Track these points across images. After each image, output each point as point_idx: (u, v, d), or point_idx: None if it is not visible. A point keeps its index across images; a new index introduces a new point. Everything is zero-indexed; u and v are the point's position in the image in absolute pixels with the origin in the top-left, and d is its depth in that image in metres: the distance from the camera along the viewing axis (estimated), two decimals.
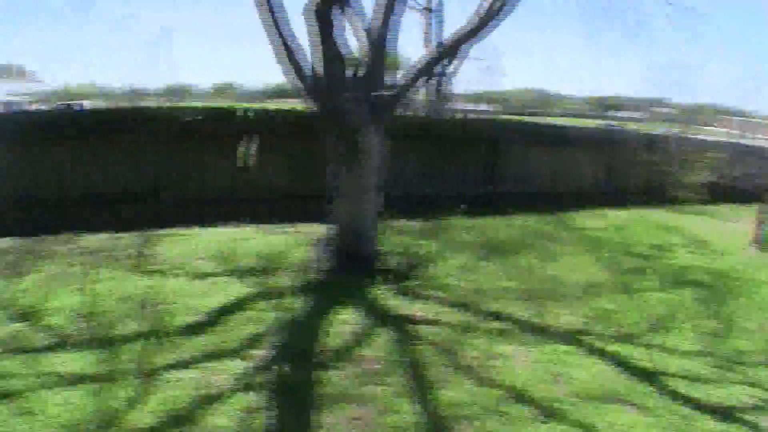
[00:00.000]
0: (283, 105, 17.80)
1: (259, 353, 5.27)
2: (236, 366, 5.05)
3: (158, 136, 10.52)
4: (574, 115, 58.22)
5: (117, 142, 10.41)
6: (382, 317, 6.21)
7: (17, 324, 5.91)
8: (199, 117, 10.58)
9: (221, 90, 75.99)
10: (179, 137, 10.61)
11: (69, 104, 34.88)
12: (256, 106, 12.74)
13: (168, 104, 18.85)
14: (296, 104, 10.16)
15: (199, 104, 14.11)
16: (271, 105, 18.93)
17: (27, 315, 6.07)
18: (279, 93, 67.96)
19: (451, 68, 21.23)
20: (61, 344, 5.36)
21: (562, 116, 51.53)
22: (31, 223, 9.48)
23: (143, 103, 33.12)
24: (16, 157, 10.03)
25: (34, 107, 36.79)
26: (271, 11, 6.92)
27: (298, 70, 7.15)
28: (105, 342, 5.38)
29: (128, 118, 10.69)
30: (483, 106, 57.89)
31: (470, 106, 44.28)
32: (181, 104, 17.11)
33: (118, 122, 10.54)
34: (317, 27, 7.00)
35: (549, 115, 51.73)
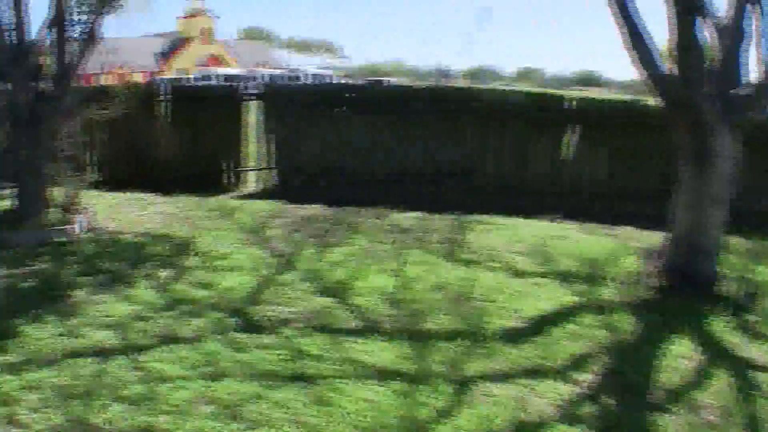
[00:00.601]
0: (590, 93, 17.10)
1: (585, 378, 4.99)
2: (559, 390, 4.79)
3: (477, 118, 11.23)
4: None
5: (432, 120, 11.32)
6: (720, 356, 5.79)
7: (325, 299, 6.15)
8: (521, 102, 11.34)
9: (525, 74, 79.56)
10: (499, 121, 11.25)
11: (379, 80, 38.62)
12: (571, 94, 13.34)
13: (478, 86, 19.92)
14: (603, 93, 9.82)
15: (504, 88, 15.14)
16: (593, 94, 18.26)
17: (335, 291, 6.36)
18: (584, 80, 66.82)
19: None
20: (368, 330, 5.50)
21: None
22: (339, 194, 10.60)
23: (449, 84, 35.26)
24: (326, 128, 11.53)
25: (341, 82, 41.67)
26: None
27: (646, 58, 7.22)
28: (415, 335, 5.43)
29: (445, 97, 11.68)
30: None
31: None
32: (491, 86, 17.87)
33: (434, 101, 11.48)
34: (675, 12, 6.97)
35: None
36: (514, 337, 5.55)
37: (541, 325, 5.85)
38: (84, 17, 8.12)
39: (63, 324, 5.29)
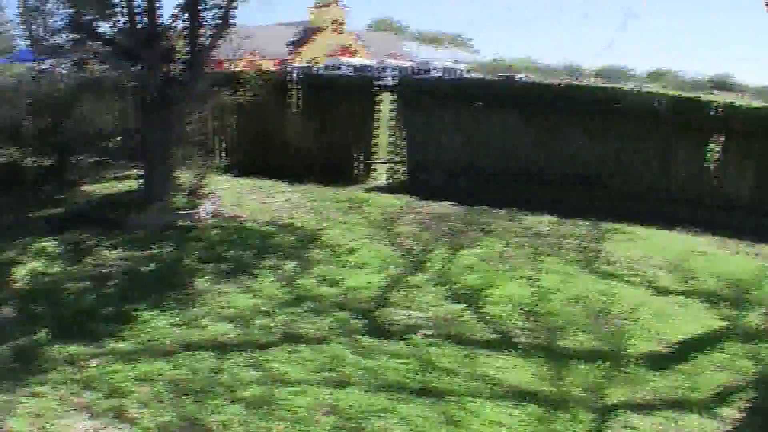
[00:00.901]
0: (725, 98, 16.34)
1: (730, 414, 4.68)
2: (703, 425, 4.51)
3: (615, 119, 10.91)
4: None
5: (567, 119, 11.06)
6: None
7: (457, 305, 5.88)
8: (662, 104, 10.84)
9: (656, 75, 79.21)
10: (639, 124, 10.88)
11: (511, 76, 38.12)
12: (714, 99, 12.38)
13: (614, 86, 19.47)
14: (738, 99, 9.80)
15: (636, 88, 15.15)
16: (728, 98, 17.51)
17: (468, 297, 6.10)
18: (717, 84, 65.10)
19: None
20: (503, 343, 5.25)
21: None
22: (469, 191, 10.69)
23: (579, 83, 35.65)
24: (459, 123, 11.38)
25: (471, 76, 41.74)
26: None
27: None
28: (551, 352, 5.21)
29: (583, 97, 11.38)
30: None
31: None
32: (622, 87, 17.67)
33: (571, 100, 11.19)
34: None
35: None
36: (657, 362, 5.26)
37: (685, 350, 5.54)
38: (218, 2, 8.19)
39: (182, 313, 5.28)
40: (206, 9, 8.16)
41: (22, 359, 4.47)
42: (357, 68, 40.10)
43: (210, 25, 8.24)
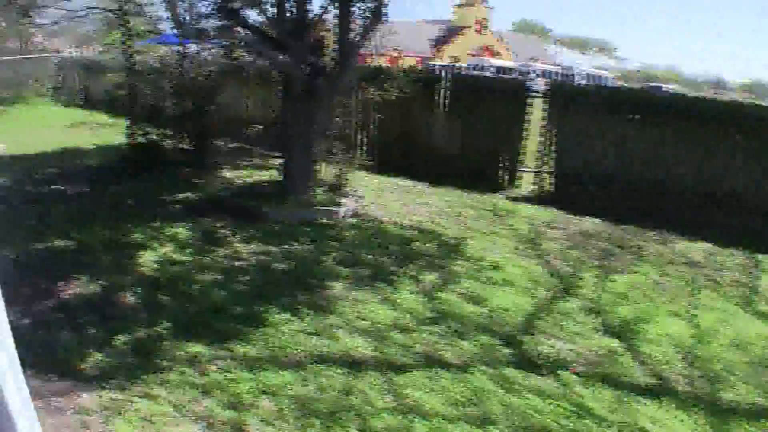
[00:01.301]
0: None
1: None
2: None
3: None
4: None
5: (727, 138, 10.20)
6: None
7: (609, 340, 5.25)
8: None
9: None
10: None
11: (658, 86, 36.19)
12: None
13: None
14: None
15: None
16: None
17: (622, 331, 5.45)
18: None
19: None
20: (660, 390, 4.59)
21: None
22: (619, 207, 10.01)
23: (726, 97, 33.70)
24: (612, 135, 10.69)
25: (618, 84, 40.27)
26: None
27: None
28: (712, 406, 4.50)
29: (747, 115, 10.44)
30: None
31: None
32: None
33: (731, 116, 10.33)
34: None
35: None
36: None
37: None
38: None
39: (314, 320, 4.95)
40: (358, 1, 7.90)
41: (140, 354, 4.24)
42: (500, 70, 39.37)
43: (361, 18, 7.97)
